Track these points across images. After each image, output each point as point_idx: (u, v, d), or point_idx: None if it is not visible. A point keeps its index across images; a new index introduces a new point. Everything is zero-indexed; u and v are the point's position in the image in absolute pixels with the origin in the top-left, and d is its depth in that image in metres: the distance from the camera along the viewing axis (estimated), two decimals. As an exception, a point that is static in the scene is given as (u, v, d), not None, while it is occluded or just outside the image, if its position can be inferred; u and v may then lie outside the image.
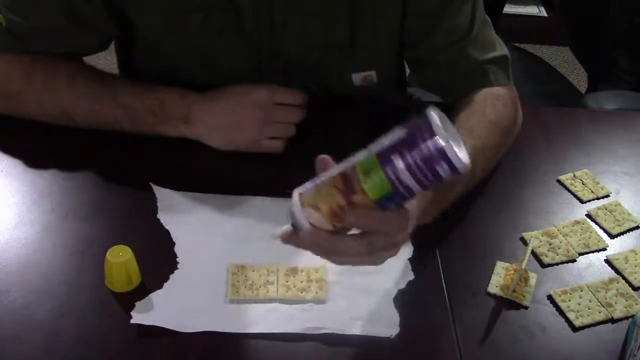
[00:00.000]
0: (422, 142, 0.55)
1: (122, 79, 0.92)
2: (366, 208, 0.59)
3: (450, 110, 0.93)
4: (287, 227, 0.64)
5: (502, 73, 0.97)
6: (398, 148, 0.57)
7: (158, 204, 0.84)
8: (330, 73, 1.01)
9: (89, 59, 0.99)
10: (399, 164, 0.56)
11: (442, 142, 0.55)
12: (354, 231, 0.63)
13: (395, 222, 0.62)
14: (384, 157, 0.57)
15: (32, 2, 0.90)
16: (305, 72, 1.00)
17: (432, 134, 0.55)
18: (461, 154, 0.56)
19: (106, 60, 1.06)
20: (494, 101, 0.93)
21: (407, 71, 1.11)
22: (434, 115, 0.56)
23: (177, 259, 0.77)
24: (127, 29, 0.99)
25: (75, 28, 0.91)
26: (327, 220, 0.61)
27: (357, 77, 1.01)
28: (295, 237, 0.63)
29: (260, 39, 0.95)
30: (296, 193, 0.62)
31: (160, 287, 0.74)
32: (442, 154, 0.55)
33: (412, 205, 0.64)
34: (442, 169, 0.56)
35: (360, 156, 0.59)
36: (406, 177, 0.56)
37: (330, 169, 0.61)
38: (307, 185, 0.62)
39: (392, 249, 0.66)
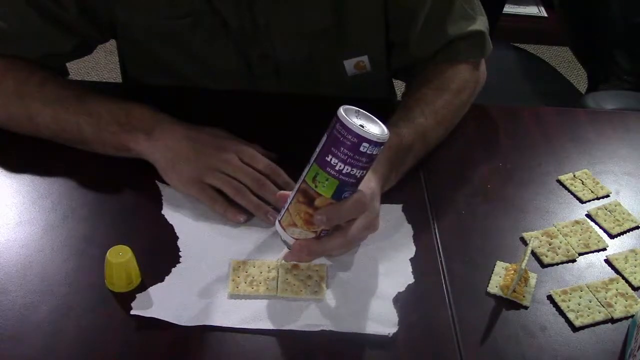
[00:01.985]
0: (341, 136, 0.67)
1: (93, 90, 0.90)
2: (329, 206, 0.71)
3: (413, 79, 1.00)
4: (285, 251, 0.77)
5: (473, 48, 1.00)
6: (326, 149, 0.69)
7: (163, 200, 0.84)
8: (322, 66, 1.00)
9: (90, 60, 0.99)
10: (333, 160, 0.68)
11: (354, 130, 0.66)
12: None
13: (355, 205, 0.72)
14: (320, 161, 0.69)
15: (6, 4, 0.90)
16: (297, 71, 1.00)
17: (345, 127, 0.67)
18: (375, 129, 0.68)
19: (106, 61, 1.06)
20: (456, 76, 0.98)
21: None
22: (341, 111, 0.67)
23: (180, 253, 0.78)
24: (109, 34, 0.99)
25: (52, 29, 0.91)
26: (306, 230, 0.73)
27: (349, 65, 1.01)
28: (291, 255, 0.76)
29: (247, 42, 0.95)
30: (276, 222, 0.75)
31: (160, 286, 0.74)
32: (359, 138, 0.67)
33: (365, 186, 0.73)
34: (366, 148, 0.67)
35: (305, 170, 0.71)
36: (342, 167, 0.68)
37: (290, 193, 0.73)
38: (282, 212, 0.74)
39: (369, 226, 0.77)
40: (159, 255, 0.78)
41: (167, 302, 0.72)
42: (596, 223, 0.88)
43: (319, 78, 1.02)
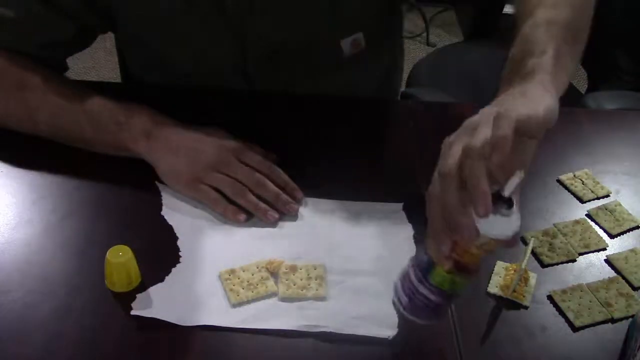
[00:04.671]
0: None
1: (93, 90, 0.90)
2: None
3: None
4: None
5: None
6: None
7: (162, 201, 0.84)
8: (318, 48, 0.99)
9: (90, 60, 0.99)
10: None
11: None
12: None
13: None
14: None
15: None
16: (292, 55, 0.99)
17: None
18: None
19: (106, 61, 1.06)
20: None
21: (406, 71, 1.11)
22: None
23: (180, 253, 0.78)
24: (108, 21, 0.98)
25: (52, 15, 0.90)
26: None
27: (346, 44, 1.00)
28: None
29: (243, 23, 0.95)
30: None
31: (160, 286, 0.74)
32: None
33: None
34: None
35: None
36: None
37: None
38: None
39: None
40: (159, 255, 0.78)
41: (167, 302, 0.72)
42: (596, 223, 0.88)
43: (315, 61, 1.01)
